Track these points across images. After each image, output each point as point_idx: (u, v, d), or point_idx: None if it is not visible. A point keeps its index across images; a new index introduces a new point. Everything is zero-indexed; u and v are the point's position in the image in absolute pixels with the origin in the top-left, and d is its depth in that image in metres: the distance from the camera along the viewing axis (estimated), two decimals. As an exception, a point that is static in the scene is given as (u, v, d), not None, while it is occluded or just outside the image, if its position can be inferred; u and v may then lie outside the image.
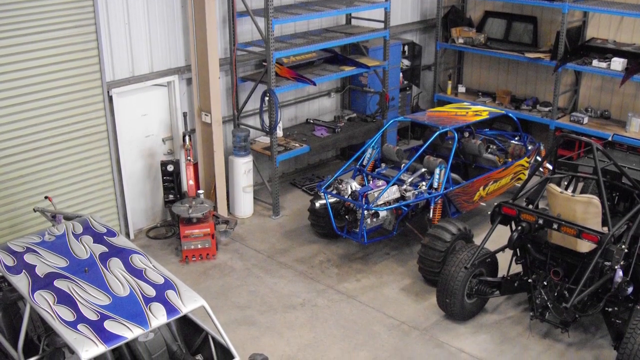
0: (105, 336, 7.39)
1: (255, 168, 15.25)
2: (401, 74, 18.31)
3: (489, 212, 11.44)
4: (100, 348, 7.28)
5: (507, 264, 11.57)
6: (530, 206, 11.13)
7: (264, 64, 14.51)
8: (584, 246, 10.37)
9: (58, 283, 8.22)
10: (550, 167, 12.62)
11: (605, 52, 16.52)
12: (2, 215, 12.10)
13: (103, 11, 12.65)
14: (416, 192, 13.08)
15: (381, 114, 17.02)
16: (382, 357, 10.84)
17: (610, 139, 13.48)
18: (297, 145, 15.49)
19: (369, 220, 12.84)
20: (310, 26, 16.55)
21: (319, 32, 16.31)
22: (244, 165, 14.73)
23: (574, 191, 12.08)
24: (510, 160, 15.03)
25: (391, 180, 13.08)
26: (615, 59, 16.03)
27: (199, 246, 13.30)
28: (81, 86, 12.56)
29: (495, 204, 11.25)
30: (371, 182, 13.49)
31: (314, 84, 14.82)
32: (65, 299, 7.94)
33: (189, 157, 13.61)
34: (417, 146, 15.35)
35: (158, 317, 7.75)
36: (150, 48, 13.58)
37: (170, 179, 13.87)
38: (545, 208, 11.51)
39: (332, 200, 13.24)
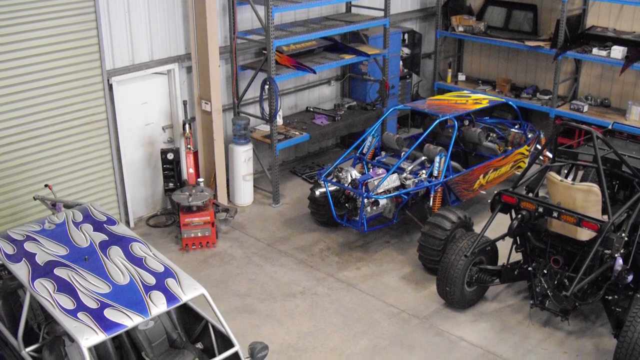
0: (105, 324, 7.40)
1: (255, 156, 15.25)
2: (401, 62, 18.28)
3: (489, 201, 11.44)
4: (100, 336, 7.28)
5: (507, 252, 11.60)
6: (530, 194, 11.13)
7: (264, 52, 14.49)
8: (584, 234, 10.37)
9: (58, 271, 8.22)
10: (550, 156, 12.60)
11: (605, 40, 16.51)
12: (2, 204, 12.10)
13: (103, -1, 12.67)
14: (416, 181, 13.08)
15: (381, 102, 17.01)
16: (381, 345, 10.86)
17: (610, 127, 13.47)
18: (297, 133, 15.48)
19: (369, 209, 12.84)
20: (310, 14, 16.53)
21: (319, 20, 16.29)
22: (244, 154, 14.72)
23: (574, 179, 12.07)
24: (510, 148, 15.03)
25: (391, 168, 13.08)
26: (615, 47, 16.02)
27: (199, 234, 13.31)
28: (81, 74, 12.54)
29: (495, 192, 11.24)
30: (371, 170, 13.49)
31: (314, 72, 14.81)
32: (65, 287, 7.95)
33: (189, 146, 13.61)
34: (417, 134, 15.32)
35: (158, 305, 7.76)
36: (150, 36, 13.56)
37: (170, 167, 13.87)
38: (545, 196, 11.51)
39: (332, 188, 13.25)
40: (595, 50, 16.32)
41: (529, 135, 15.29)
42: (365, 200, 12.66)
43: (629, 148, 12.47)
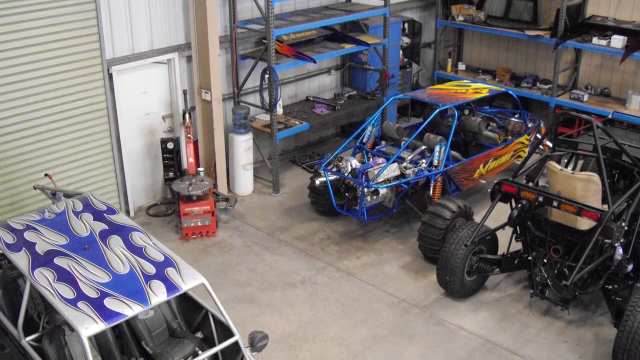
0: (105, 314, 7.40)
1: (255, 145, 15.25)
2: (401, 52, 18.26)
3: (489, 190, 11.44)
4: (100, 325, 7.28)
5: (507, 242, 11.59)
6: (530, 184, 11.13)
7: (264, 41, 14.47)
8: (584, 224, 10.37)
9: (58, 261, 8.22)
10: (550, 145, 12.60)
11: (605, 29, 16.48)
12: (2, 193, 12.10)
13: (102, -12, 12.64)
14: (416, 170, 13.08)
15: (381, 91, 17.00)
16: (381, 335, 10.87)
17: (610, 116, 13.46)
18: (297, 122, 15.47)
19: (369, 198, 12.84)
20: (310, 4, 16.49)
21: (319, 10, 16.26)
22: (244, 143, 14.72)
23: (574, 169, 12.07)
24: (510, 137, 15.02)
25: (391, 157, 13.07)
26: (615, 36, 16.00)
27: (199, 224, 13.31)
28: (81, 64, 12.53)
29: (495, 181, 11.24)
30: (371, 159, 13.48)
31: (314, 62, 14.80)
32: (65, 277, 7.95)
33: (189, 135, 13.60)
34: (417, 124, 15.34)
35: (158, 294, 7.76)
36: (151, 25, 13.54)
37: (170, 157, 13.87)
38: (545, 185, 11.50)
39: (332, 177, 13.24)
40: (595, 40, 16.31)
41: (529, 125, 15.28)
42: (365, 190, 12.65)
43: (629, 137, 12.46)
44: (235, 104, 15.29)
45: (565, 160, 12.18)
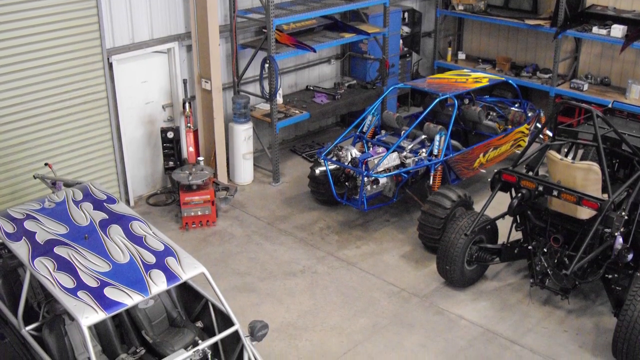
0: (105, 303, 7.40)
1: (255, 135, 15.23)
2: (401, 41, 18.24)
3: (489, 179, 11.43)
4: (100, 315, 7.28)
5: (507, 231, 11.58)
6: (530, 173, 11.12)
7: (264, 30, 14.44)
8: (584, 213, 10.37)
9: (58, 250, 8.22)
10: (550, 134, 12.60)
11: (605, 18, 16.46)
12: (2, 182, 12.10)
13: (102, -23, 12.60)
14: (416, 159, 13.07)
15: (381, 80, 16.98)
16: (381, 324, 10.88)
17: (610, 105, 13.45)
18: (297, 112, 15.46)
19: (369, 187, 12.84)
20: (310, -7, 16.49)
21: (318, -1, 16.27)
22: (244, 132, 14.71)
23: (574, 158, 12.06)
24: (510, 127, 15.01)
25: (391, 147, 13.06)
26: (615, 25, 15.98)
27: (199, 213, 13.32)
28: (81, 53, 12.51)
29: (495, 170, 11.23)
30: (371, 149, 13.48)
31: (314, 51, 14.77)
32: (65, 266, 7.95)
33: (189, 124, 13.59)
34: (417, 113, 15.31)
35: (158, 284, 7.76)
36: (150, 15, 13.51)
37: (170, 146, 13.86)
38: (545, 175, 11.50)
39: (332, 167, 13.23)
40: (595, 29, 16.29)
41: (529, 114, 15.28)
42: (365, 179, 12.65)
43: (629, 127, 12.45)
44: (235, 93, 15.28)
45: (565, 150, 12.16)
